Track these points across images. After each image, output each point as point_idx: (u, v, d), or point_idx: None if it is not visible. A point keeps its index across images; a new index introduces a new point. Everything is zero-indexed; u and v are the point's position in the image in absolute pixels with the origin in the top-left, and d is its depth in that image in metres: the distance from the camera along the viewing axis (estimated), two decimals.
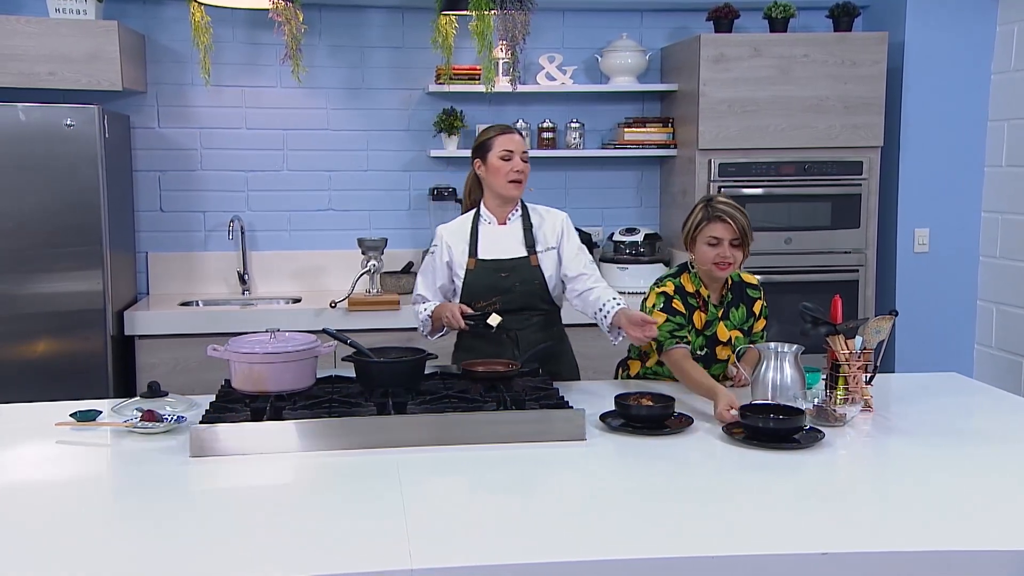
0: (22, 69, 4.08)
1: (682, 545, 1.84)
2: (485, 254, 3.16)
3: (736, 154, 4.58)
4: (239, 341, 2.63)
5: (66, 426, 2.54)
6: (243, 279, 4.81)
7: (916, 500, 2.10)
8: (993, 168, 4.75)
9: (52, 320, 4.03)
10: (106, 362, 4.08)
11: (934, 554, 1.82)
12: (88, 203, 4.02)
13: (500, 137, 3.12)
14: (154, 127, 4.72)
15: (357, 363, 2.72)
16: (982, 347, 4.87)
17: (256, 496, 2.17)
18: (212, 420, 2.41)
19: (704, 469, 2.37)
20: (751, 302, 3.09)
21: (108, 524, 1.99)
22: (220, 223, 4.79)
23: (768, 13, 4.64)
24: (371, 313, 4.37)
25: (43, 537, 1.88)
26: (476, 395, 2.65)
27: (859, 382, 2.63)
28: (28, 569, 1.72)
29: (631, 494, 2.16)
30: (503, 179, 3.10)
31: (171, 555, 1.79)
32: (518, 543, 1.85)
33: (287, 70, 4.36)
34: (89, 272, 4.04)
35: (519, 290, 3.13)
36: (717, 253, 2.92)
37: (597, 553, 1.80)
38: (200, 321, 4.32)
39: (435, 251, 3.22)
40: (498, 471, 2.30)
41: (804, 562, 1.79)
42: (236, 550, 1.81)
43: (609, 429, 2.55)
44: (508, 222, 3.20)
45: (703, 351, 3.01)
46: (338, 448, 2.40)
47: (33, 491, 2.19)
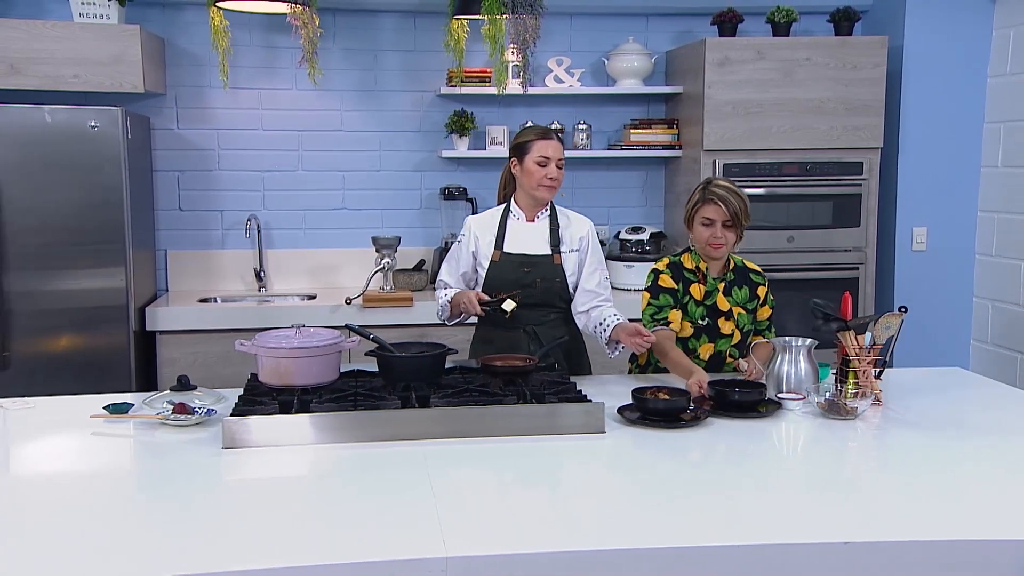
0: (48, 72, 4.08)
1: (704, 534, 1.85)
2: (511, 248, 3.18)
3: (740, 155, 4.59)
4: (266, 336, 2.63)
5: (100, 418, 2.54)
6: (259, 276, 4.81)
7: (930, 490, 2.10)
8: (989, 169, 4.76)
9: (77, 316, 4.03)
10: (129, 357, 4.08)
11: (950, 544, 1.83)
12: (111, 202, 4.02)
13: (539, 142, 3.12)
14: (173, 128, 4.71)
15: (380, 358, 2.72)
16: (978, 343, 4.88)
17: (288, 486, 2.18)
18: (243, 413, 2.42)
19: (721, 461, 2.38)
20: (754, 285, 3.12)
21: (146, 512, 1.99)
22: (237, 221, 4.79)
23: (771, 17, 4.65)
24: (385, 309, 4.37)
25: (82, 523, 1.89)
26: (496, 389, 2.66)
27: (869, 376, 2.64)
28: (70, 554, 1.73)
29: (652, 485, 2.16)
30: (536, 183, 3.12)
31: (208, 541, 1.79)
32: (548, 531, 1.85)
33: (302, 73, 4.36)
34: (112, 269, 4.04)
35: (540, 286, 3.14)
36: (711, 233, 2.99)
37: (625, 542, 1.80)
38: (219, 317, 4.32)
39: (462, 240, 3.23)
40: (522, 462, 2.31)
41: (826, 551, 1.80)
42: (272, 537, 1.81)
43: (626, 422, 2.56)
44: (536, 220, 3.22)
45: (704, 320, 3.06)
46: (363, 440, 2.40)
47: (71, 480, 2.20)
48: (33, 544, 1.79)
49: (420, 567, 1.71)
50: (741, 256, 3.20)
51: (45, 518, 1.93)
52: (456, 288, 3.22)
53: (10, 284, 3.94)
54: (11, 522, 1.92)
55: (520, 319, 3.11)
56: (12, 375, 3.95)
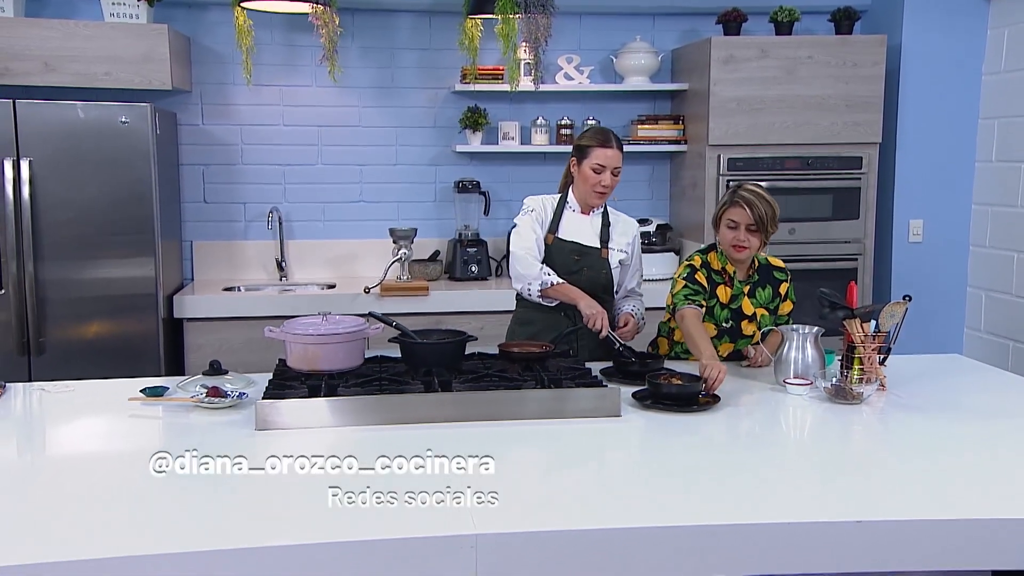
0: (79, 70, 4.08)
1: (721, 513, 1.86)
2: (564, 235, 3.21)
3: (744, 149, 4.58)
4: (294, 323, 2.64)
5: (137, 401, 2.55)
6: (281, 266, 4.82)
7: (936, 471, 2.11)
8: (983, 163, 4.75)
9: (108, 303, 4.04)
10: (158, 343, 4.09)
11: (957, 523, 1.84)
12: (141, 195, 4.02)
13: (599, 150, 3.11)
14: (198, 124, 4.71)
15: (403, 344, 2.73)
16: (971, 331, 4.88)
17: (321, 465, 2.18)
18: (274, 396, 2.42)
19: (733, 443, 2.39)
20: (777, 283, 3.11)
21: (185, 489, 1.99)
22: (259, 214, 4.80)
23: (774, 17, 4.64)
24: (402, 298, 4.37)
25: (123, 499, 1.90)
26: (514, 374, 2.66)
27: (873, 363, 2.64)
28: (114, 527, 1.74)
29: (668, 465, 2.17)
30: (589, 188, 3.15)
31: (250, 516, 1.80)
32: (571, 509, 1.86)
33: (322, 70, 4.36)
34: (142, 259, 4.05)
35: (586, 275, 3.17)
36: (734, 236, 2.96)
37: (644, 520, 1.81)
38: (243, 305, 4.33)
39: (532, 213, 3.21)
40: (542, 444, 2.31)
41: (839, 530, 1.80)
42: (306, 514, 1.82)
43: (641, 406, 2.56)
44: (591, 214, 3.25)
45: (728, 323, 3.05)
46: (388, 423, 2.40)
47: (112, 458, 2.22)
48: (76, 518, 1.80)
49: (451, 544, 1.72)
50: (764, 253, 3.16)
51: (87, 493, 1.94)
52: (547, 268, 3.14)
53: (45, 273, 3.95)
54: (56, 497, 1.93)
55: (562, 304, 3.14)
56: (47, 360, 3.97)
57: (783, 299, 3.11)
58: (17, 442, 2.46)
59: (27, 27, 4.06)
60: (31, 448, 2.45)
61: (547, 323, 3.16)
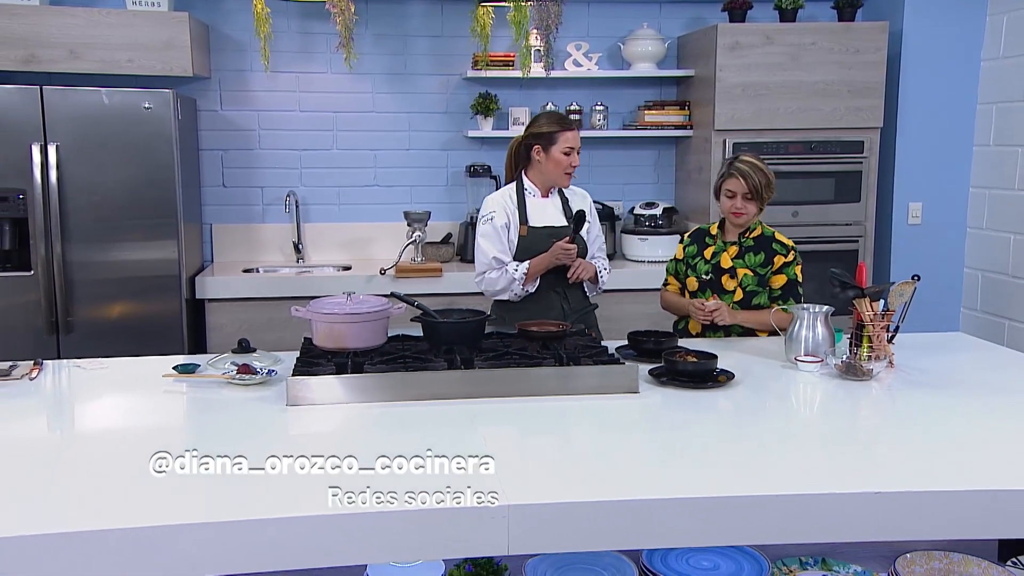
0: (103, 57, 4.07)
1: (738, 485, 1.85)
2: (535, 222, 3.23)
3: (748, 134, 4.57)
4: (320, 303, 2.64)
5: (170, 377, 2.56)
6: (298, 248, 4.82)
7: (945, 444, 2.12)
8: (981, 147, 4.74)
9: (132, 284, 4.05)
10: (181, 322, 4.09)
11: (966, 494, 1.84)
12: (164, 179, 4.02)
13: (566, 134, 3.17)
14: (217, 110, 4.70)
15: (425, 323, 2.73)
16: (968, 310, 4.89)
17: (350, 439, 2.19)
18: (302, 373, 2.43)
19: (747, 418, 2.39)
20: (772, 254, 3.14)
21: (221, 463, 2.00)
22: (277, 197, 4.79)
23: (778, 4, 4.62)
24: (416, 279, 4.38)
25: (160, 474, 1.89)
26: (534, 352, 2.66)
27: (882, 340, 2.64)
28: (153, 497, 1.74)
29: (686, 439, 2.18)
30: (560, 171, 3.20)
31: (284, 486, 1.80)
32: (595, 482, 1.86)
33: (337, 57, 4.34)
34: (165, 242, 4.05)
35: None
36: (732, 204, 3.11)
37: (665, 491, 1.81)
38: (261, 286, 4.34)
39: (493, 217, 3.24)
40: (563, 419, 2.32)
41: (851, 500, 1.81)
42: (339, 484, 1.82)
43: (657, 383, 2.56)
44: (549, 196, 3.29)
45: (708, 276, 3.17)
46: (413, 399, 2.40)
47: (149, 432, 2.22)
48: (116, 489, 1.80)
49: (483, 514, 1.73)
50: (774, 229, 3.22)
51: (125, 466, 1.94)
52: (514, 262, 3.21)
53: (72, 255, 3.95)
54: (95, 470, 1.93)
55: (549, 283, 3.18)
56: (75, 339, 3.98)
57: (776, 271, 3.12)
58: (60, 417, 2.48)
59: (53, 15, 4.04)
60: (71, 422, 2.45)
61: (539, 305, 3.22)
